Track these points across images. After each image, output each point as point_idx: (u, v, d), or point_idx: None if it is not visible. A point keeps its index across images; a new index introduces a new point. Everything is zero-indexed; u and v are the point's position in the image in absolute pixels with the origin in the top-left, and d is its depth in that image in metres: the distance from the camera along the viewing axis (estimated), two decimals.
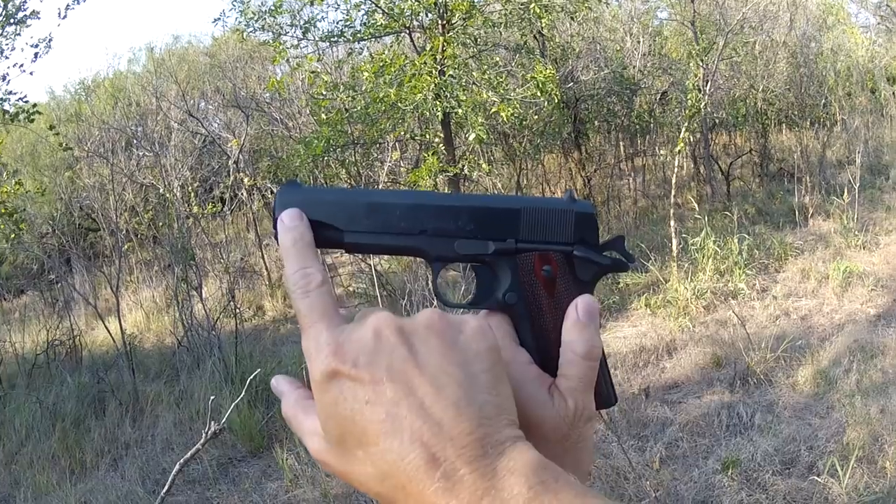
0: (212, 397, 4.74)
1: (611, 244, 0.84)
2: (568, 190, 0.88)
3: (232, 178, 13.67)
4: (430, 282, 0.83)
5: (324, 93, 10.19)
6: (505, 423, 0.63)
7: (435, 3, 9.52)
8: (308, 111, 13.05)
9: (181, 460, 4.55)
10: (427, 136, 11.17)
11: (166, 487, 4.58)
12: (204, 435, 4.54)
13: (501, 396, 0.65)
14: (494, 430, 0.61)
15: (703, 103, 10.89)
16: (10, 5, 9.46)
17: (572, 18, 11.86)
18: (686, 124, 10.61)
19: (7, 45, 9.63)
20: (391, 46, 10.98)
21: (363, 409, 0.62)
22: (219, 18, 15.81)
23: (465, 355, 0.65)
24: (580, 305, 0.79)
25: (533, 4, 9.76)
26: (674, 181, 10.48)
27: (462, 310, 0.86)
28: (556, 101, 10.59)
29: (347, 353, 0.64)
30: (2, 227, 11.54)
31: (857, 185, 10.77)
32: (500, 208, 0.83)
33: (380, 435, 0.61)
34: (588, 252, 0.82)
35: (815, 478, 4.88)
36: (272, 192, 13.65)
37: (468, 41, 10.42)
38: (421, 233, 0.81)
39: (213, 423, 4.48)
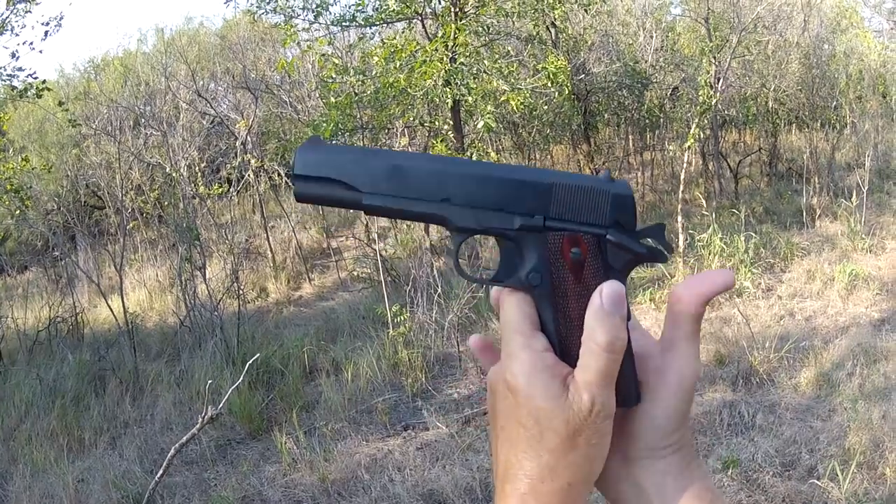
0: (209, 381, 4.72)
1: (649, 231, 0.80)
2: (606, 169, 0.83)
3: (239, 159, 13.67)
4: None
5: (333, 76, 10.16)
6: None
7: None
8: (317, 94, 13.02)
9: (177, 444, 4.55)
10: (436, 123, 11.13)
11: (161, 471, 4.58)
12: (201, 420, 4.54)
13: None
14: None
15: (714, 100, 10.85)
16: None
17: (585, 11, 11.79)
18: (696, 120, 10.55)
19: (17, 22, 9.62)
20: (402, 32, 10.95)
21: None
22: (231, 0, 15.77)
23: None
24: (605, 292, 0.74)
25: None
26: (682, 177, 10.42)
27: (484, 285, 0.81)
28: (567, 92, 10.56)
29: None
30: (7, 203, 11.57)
31: (866, 188, 10.74)
32: (531, 181, 0.78)
33: None
34: (622, 237, 0.78)
35: (815, 481, 4.85)
36: (279, 174, 13.65)
37: (480, 30, 10.38)
38: (444, 200, 0.78)
39: (209, 407, 4.47)
